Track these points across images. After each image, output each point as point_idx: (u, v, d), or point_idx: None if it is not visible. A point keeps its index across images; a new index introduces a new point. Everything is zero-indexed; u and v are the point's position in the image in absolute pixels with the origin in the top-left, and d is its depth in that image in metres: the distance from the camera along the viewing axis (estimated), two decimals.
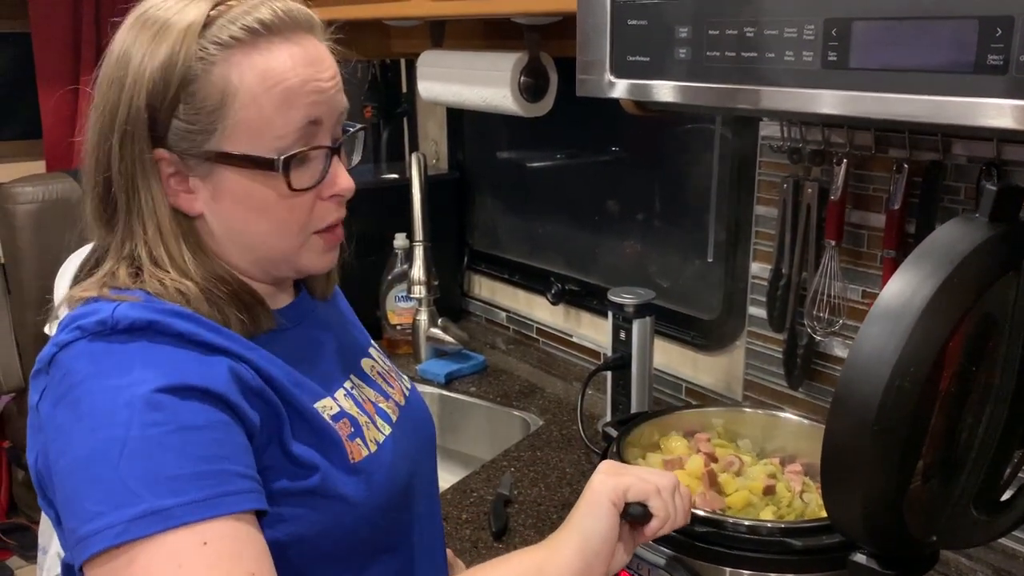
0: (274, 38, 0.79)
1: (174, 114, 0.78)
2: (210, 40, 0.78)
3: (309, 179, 0.82)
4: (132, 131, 0.78)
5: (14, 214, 2.47)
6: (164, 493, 0.66)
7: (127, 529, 0.65)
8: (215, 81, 0.77)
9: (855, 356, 0.70)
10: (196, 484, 0.68)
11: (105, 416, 0.69)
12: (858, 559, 0.78)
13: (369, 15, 1.72)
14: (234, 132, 0.78)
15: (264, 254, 0.84)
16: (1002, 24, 0.69)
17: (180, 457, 0.69)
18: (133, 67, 0.78)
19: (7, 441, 2.90)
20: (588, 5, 1.04)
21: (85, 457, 0.68)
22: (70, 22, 2.94)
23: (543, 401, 1.82)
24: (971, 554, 1.22)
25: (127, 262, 0.81)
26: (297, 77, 0.79)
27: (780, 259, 1.41)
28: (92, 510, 0.66)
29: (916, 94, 0.76)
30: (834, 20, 0.81)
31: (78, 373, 0.72)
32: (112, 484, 0.67)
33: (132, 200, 0.80)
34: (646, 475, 0.84)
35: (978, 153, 1.17)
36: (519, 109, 1.68)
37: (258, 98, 0.78)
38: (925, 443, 0.71)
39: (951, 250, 0.70)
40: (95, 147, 0.81)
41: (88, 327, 0.74)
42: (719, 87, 0.92)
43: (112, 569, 0.65)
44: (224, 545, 0.67)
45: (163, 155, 0.80)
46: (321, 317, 0.95)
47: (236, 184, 0.80)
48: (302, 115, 0.80)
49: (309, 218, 0.83)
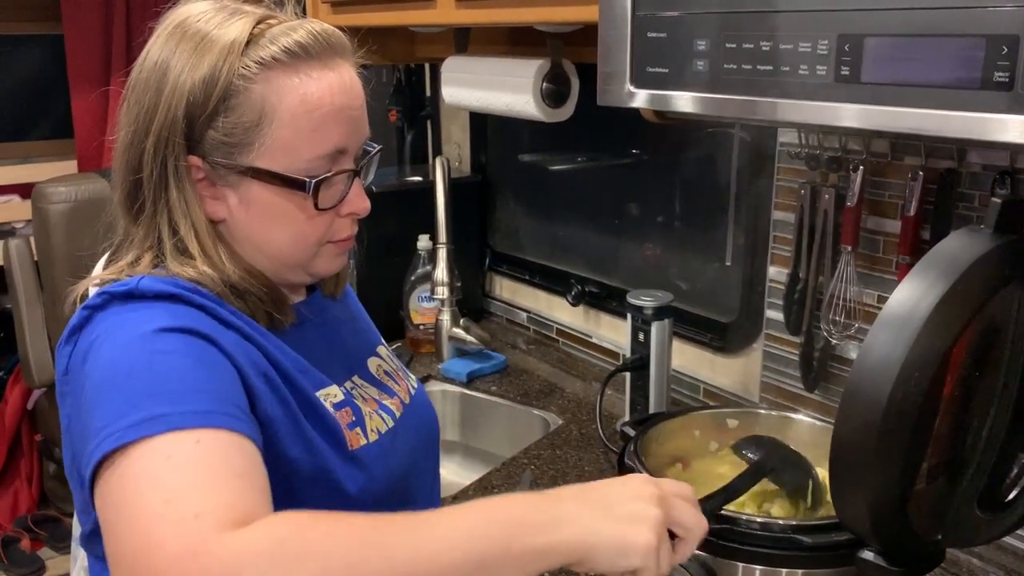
0: (312, 62, 0.83)
1: (211, 125, 0.82)
2: (252, 58, 0.81)
3: (332, 199, 0.86)
4: (168, 137, 0.82)
5: (47, 213, 2.53)
6: (163, 403, 0.68)
7: (125, 434, 0.66)
8: (254, 99, 0.81)
9: (862, 360, 0.73)
10: (195, 398, 0.70)
11: (117, 350, 0.73)
12: (866, 556, 0.80)
13: (395, 22, 1.76)
14: (269, 150, 0.82)
15: (280, 260, 0.89)
16: (1008, 42, 0.72)
17: (182, 377, 0.71)
18: (173, 76, 0.82)
19: (39, 435, 2.96)
20: (609, 17, 1.07)
21: (96, 386, 0.72)
22: (102, 24, 3.00)
23: (562, 401, 1.85)
24: (982, 555, 1.24)
25: (151, 253, 0.85)
26: (333, 105, 0.84)
27: (797, 263, 1.43)
28: (97, 425, 0.69)
29: (925, 108, 0.79)
30: (847, 36, 0.83)
31: (103, 329, 0.76)
32: (115, 402, 0.69)
33: (160, 200, 0.84)
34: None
35: (993, 161, 1.18)
36: (541, 115, 1.71)
37: (295, 120, 0.82)
38: (930, 445, 0.74)
39: (956, 260, 0.73)
40: (126, 148, 0.85)
41: (116, 293, 0.78)
42: (736, 99, 0.95)
43: (111, 474, 0.67)
44: (217, 446, 0.68)
45: (196, 162, 0.83)
46: (331, 315, 0.99)
47: (264, 198, 0.84)
48: (333, 142, 0.85)
49: (325, 233, 0.88)
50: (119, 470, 0.66)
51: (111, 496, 0.66)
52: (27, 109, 3.27)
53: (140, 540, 0.62)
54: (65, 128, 3.07)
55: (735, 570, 0.89)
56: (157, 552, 0.60)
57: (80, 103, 3.00)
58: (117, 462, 0.66)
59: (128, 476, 0.65)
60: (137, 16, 3.05)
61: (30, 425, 2.98)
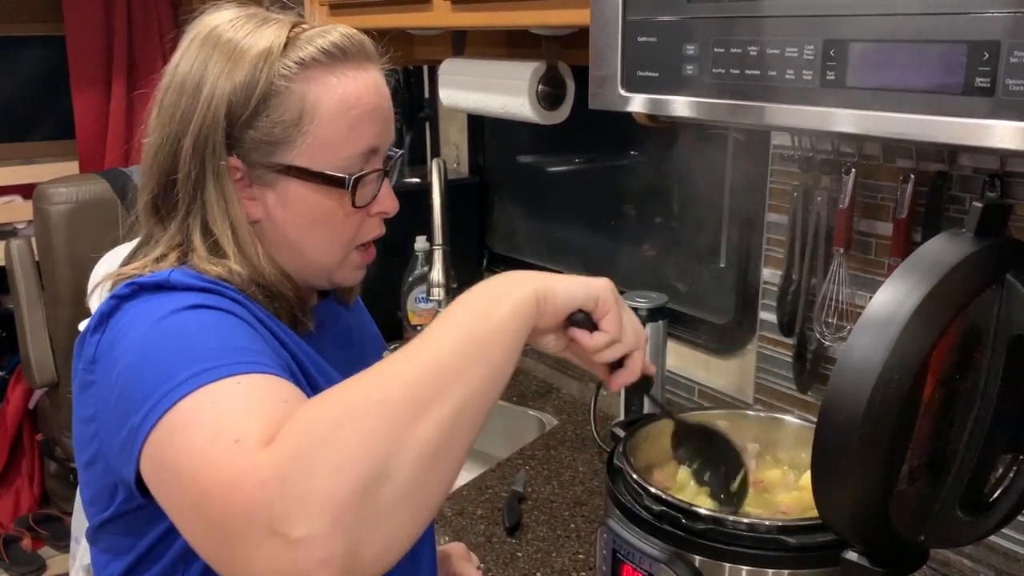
0: (348, 63, 0.86)
1: (251, 125, 0.84)
2: (292, 59, 0.84)
3: (366, 197, 0.89)
4: (208, 137, 0.83)
5: (49, 214, 2.55)
6: (203, 360, 0.69)
7: (172, 395, 0.66)
8: (294, 98, 0.83)
9: (844, 363, 0.73)
10: (234, 353, 0.70)
11: (149, 328, 0.74)
12: (850, 556, 0.81)
13: (393, 24, 1.77)
14: (308, 148, 0.84)
15: (309, 262, 0.90)
16: (989, 48, 0.73)
17: (218, 339, 0.72)
18: (211, 78, 0.83)
19: (40, 434, 2.98)
20: (601, 21, 1.08)
21: (131, 364, 0.72)
22: (103, 25, 3.01)
23: (558, 401, 1.86)
24: (973, 555, 1.25)
25: (177, 252, 0.86)
26: (368, 104, 0.86)
27: (791, 265, 1.44)
28: (139, 398, 0.68)
29: (910, 113, 0.79)
30: (832, 41, 0.84)
31: (133, 314, 0.76)
32: (156, 371, 0.69)
33: (195, 201, 0.85)
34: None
35: (983, 165, 1.19)
36: (537, 117, 1.72)
37: (335, 119, 0.84)
38: (910, 447, 0.75)
39: (937, 263, 0.73)
40: (158, 149, 0.86)
41: (146, 284, 0.79)
42: (724, 103, 0.96)
43: (161, 439, 0.66)
44: (259, 383, 0.68)
45: (235, 163, 0.85)
46: (344, 320, 1.01)
47: (302, 196, 0.86)
48: (368, 140, 0.87)
49: (356, 232, 0.90)
50: (168, 433, 0.66)
51: (166, 457, 0.66)
52: (29, 110, 3.29)
53: (199, 485, 0.62)
54: (67, 129, 3.09)
55: (721, 571, 0.89)
56: (217, 489, 0.60)
57: (82, 104, 3.02)
58: (166, 425, 0.66)
59: (179, 432, 0.65)
60: (139, 18, 3.07)
61: (31, 425, 3.00)
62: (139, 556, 0.82)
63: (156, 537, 0.81)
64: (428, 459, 0.62)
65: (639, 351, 0.84)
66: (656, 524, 0.93)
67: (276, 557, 0.57)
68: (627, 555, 0.94)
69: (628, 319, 0.83)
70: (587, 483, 1.53)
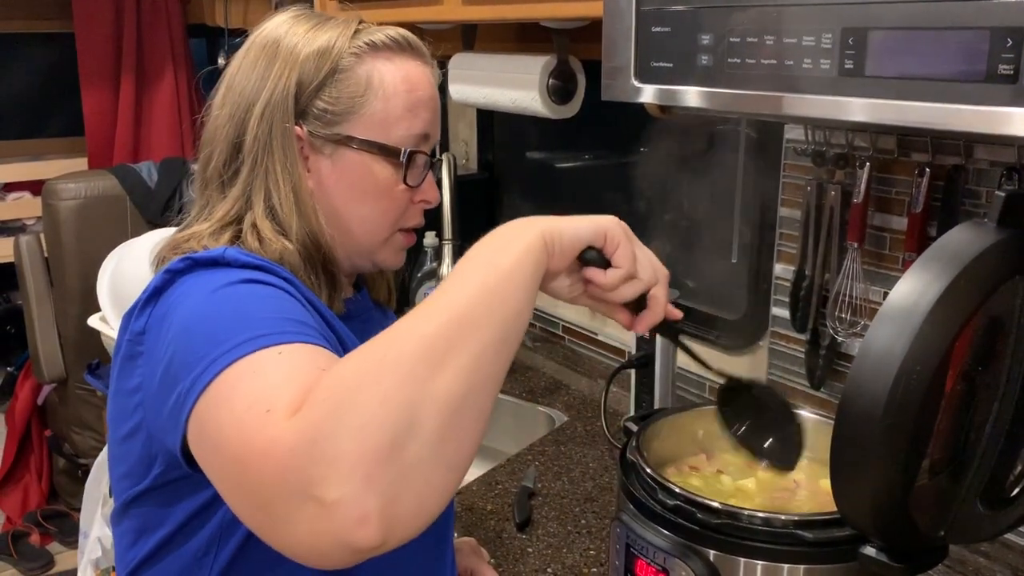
0: (409, 54, 0.93)
1: (318, 95, 0.89)
2: (362, 40, 0.91)
3: (416, 178, 0.93)
4: (279, 102, 0.88)
5: (58, 210, 2.55)
6: (252, 327, 0.70)
7: (218, 362, 0.68)
8: (361, 73, 0.90)
9: (864, 354, 0.72)
10: (281, 323, 0.71)
11: (203, 298, 0.75)
12: (868, 552, 0.80)
13: (403, 18, 1.76)
14: (368, 121, 0.90)
15: (356, 238, 0.93)
16: (1013, 35, 0.71)
17: (269, 310, 0.74)
18: (286, 50, 0.89)
19: (49, 430, 2.98)
20: (614, 12, 1.07)
21: (183, 333, 0.73)
22: (113, 22, 3.02)
23: (568, 397, 1.85)
24: (989, 553, 1.24)
25: (233, 229, 0.89)
26: (427, 92, 0.93)
27: (803, 260, 1.43)
28: (190, 361, 0.70)
29: (930, 102, 0.78)
30: (851, 29, 0.83)
31: (187, 287, 0.78)
32: (207, 339, 0.70)
33: (260, 164, 0.89)
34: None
35: (1000, 158, 1.18)
36: (547, 111, 1.71)
37: (396, 97, 0.91)
38: (932, 440, 0.74)
39: (959, 254, 0.72)
40: (226, 120, 0.91)
41: (201, 260, 0.80)
42: (740, 93, 0.95)
43: (207, 406, 0.67)
44: (300, 353, 0.69)
45: (299, 131, 0.89)
46: (371, 315, 1.03)
47: (358, 165, 0.91)
48: (423, 125, 0.93)
49: (401, 215, 0.95)
50: (213, 401, 0.67)
51: (209, 426, 0.67)
52: (38, 107, 3.29)
53: (235, 454, 0.62)
54: (76, 126, 3.09)
55: (737, 566, 0.88)
56: (251, 459, 0.61)
57: (91, 101, 3.02)
58: (212, 394, 0.67)
59: (221, 401, 0.66)
60: (148, 14, 3.07)
61: (40, 421, 3.00)
62: (171, 532, 0.82)
63: (192, 511, 0.81)
64: (452, 411, 0.62)
65: (660, 287, 0.84)
66: (670, 518, 0.92)
67: (314, 521, 0.58)
68: (641, 549, 0.93)
69: (643, 254, 0.85)
70: (598, 479, 1.52)
